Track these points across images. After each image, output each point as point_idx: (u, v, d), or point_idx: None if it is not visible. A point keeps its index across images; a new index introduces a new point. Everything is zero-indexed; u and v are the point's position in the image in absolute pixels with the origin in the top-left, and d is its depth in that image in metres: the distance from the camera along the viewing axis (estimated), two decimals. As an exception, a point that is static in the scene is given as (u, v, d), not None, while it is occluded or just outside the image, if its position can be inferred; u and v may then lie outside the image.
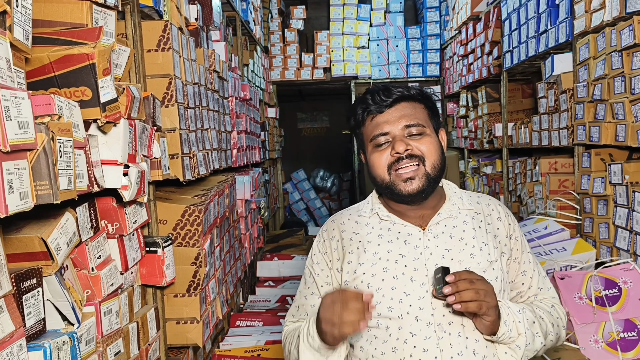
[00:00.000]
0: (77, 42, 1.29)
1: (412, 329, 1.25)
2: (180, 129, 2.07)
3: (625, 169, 2.51)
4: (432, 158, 1.30)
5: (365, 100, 1.34)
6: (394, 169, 1.30)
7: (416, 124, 1.31)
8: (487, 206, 1.40)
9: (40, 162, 1.02)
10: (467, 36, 5.49)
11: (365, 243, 1.34)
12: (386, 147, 1.31)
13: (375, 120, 1.32)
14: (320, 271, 1.39)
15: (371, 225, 1.38)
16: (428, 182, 1.30)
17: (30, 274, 1.13)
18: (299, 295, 1.45)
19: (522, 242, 1.40)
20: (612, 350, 2.06)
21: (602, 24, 2.63)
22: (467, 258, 1.29)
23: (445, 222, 1.35)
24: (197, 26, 2.64)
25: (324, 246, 1.40)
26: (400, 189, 1.29)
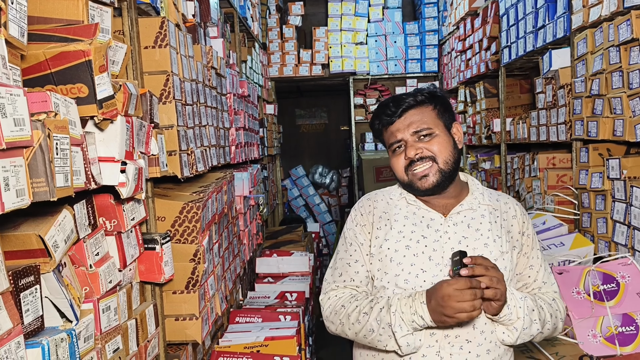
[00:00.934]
0: (73, 39, 1.28)
1: None
2: (178, 125, 2.06)
3: (623, 164, 2.51)
4: (443, 155, 1.46)
5: (379, 114, 1.53)
6: (410, 170, 1.48)
7: (424, 129, 1.47)
8: (505, 204, 1.56)
9: (36, 159, 1.02)
10: (465, 32, 5.48)
11: (393, 222, 1.51)
12: (401, 152, 1.50)
13: (389, 130, 1.51)
14: (363, 240, 1.54)
15: (399, 207, 1.54)
16: (442, 176, 1.46)
17: (27, 272, 1.13)
18: (341, 263, 1.57)
19: (534, 239, 1.55)
20: (610, 344, 2.07)
21: (600, 19, 2.63)
22: (480, 246, 1.45)
23: (465, 213, 1.51)
24: (194, 23, 2.63)
25: (363, 219, 1.57)
26: (417, 186, 1.48)
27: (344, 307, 1.49)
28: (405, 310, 1.37)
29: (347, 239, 1.58)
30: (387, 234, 1.50)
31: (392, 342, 1.40)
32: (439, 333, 1.41)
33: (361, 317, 1.44)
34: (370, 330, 1.42)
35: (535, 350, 2.06)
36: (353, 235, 1.56)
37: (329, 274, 1.60)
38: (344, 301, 1.51)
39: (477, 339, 1.41)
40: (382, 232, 1.51)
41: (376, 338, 1.42)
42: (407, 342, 1.38)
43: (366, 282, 1.55)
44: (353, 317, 1.45)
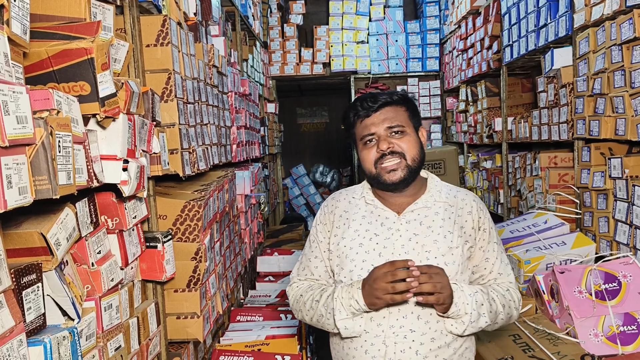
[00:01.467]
0: (75, 37, 1.28)
1: None
2: (180, 124, 2.06)
3: (625, 163, 2.50)
4: (411, 153, 1.56)
5: (356, 106, 1.60)
6: (379, 163, 1.55)
7: (397, 125, 1.55)
8: (462, 200, 1.63)
9: (39, 157, 1.02)
10: (466, 30, 5.47)
11: (351, 221, 1.62)
12: (373, 145, 1.57)
13: (364, 122, 1.58)
14: (323, 238, 1.66)
15: (358, 206, 1.65)
16: (409, 172, 1.55)
17: (30, 269, 1.13)
18: (304, 258, 1.72)
19: (491, 233, 1.63)
20: (612, 343, 2.06)
21: (602, 18, 2.62)
22: (430, 243, 1.54)
23: (419, 211, 1.59)
24: (196, 21, 2.63)
25: (324, 218, 1.68)
26: (385, 179, 1.55)
27: (302, 296, 1.64)
28: (344, 296, 1.50)
29: (310, 236, 1.72)
30: (344, 232, 1.61)
31: (334, 325, 1.52)
32: (385, 323, 1.50)
33: (314, 304, 1.58)
34: (321, 315, 1.56)
35: (537, 349, 2.06)
36: (315, 233, 1.69)
37: (294, 268, 1.75)
38: (302, 291, 1.66)
39: (422, 329, 1.49)
40: (341, 230, 1.62)
41: (325, 322, 1.55)
42: (345, 326, 1.51)
43: (326, 277, 1.68)
44: (308, 304, 1.60)
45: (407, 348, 1.49)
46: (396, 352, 1.49)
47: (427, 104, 7.06)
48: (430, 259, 1.52)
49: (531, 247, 2.71)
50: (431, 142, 7.07)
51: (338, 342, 1.62)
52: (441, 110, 7.05)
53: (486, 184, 5.09)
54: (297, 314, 1.68)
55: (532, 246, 2.72)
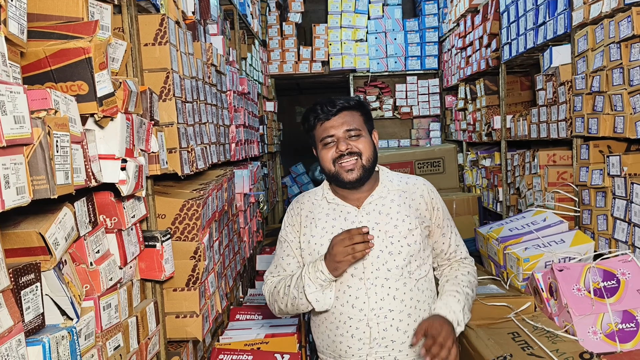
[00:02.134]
0: (73, 36, 1.28)
1: (349, 282, 1.68)
2: (178, 123, 2.06)
3: (623, 161, 2.51)
4: (367, 153, 1.70)
5: (316, 110, 1.73)
6: (338, 163, 1.69)
7: (354, 128, 1.70)
8: (414, 185, 1.80)
9: (36, 157, 1.02)
10: (465, 29, 5.47)
11: (317, 220, 1.77)
12: (332, 146, 1.70)
13: (324, 125, 1.71)
14: (293, 238, 1.80)
15: (321, 206, 1.79)
16: (364, 171, 1.70)
17: (28, 269, 1.13)
18: (276, 258, 1.85)
19: (443, 211, 1.83)
20: (611, 341, 2.07)
21: (601, 16, 2.62)
22: (391, 228, 1.70)
23: (376, 202, 1.75)
24: (194, 20, 2.63)
25: (292, 220, 1.82)
26: (343, 177, 1.69)
27: (276, 287, 1.77)
28: (310, 271, 1.64)
29: (281, 237, 1.85)
30: (312, 230, 1.76)
31: (306, 301, 1.66)
32: (365, 308, 1.66)
33: (286, 290, 1.71)
34: (294, 297, 1.68)
35: (536, 347, 2.06)
36: (285, 234, 1.82)
37: (267, 270, 1.87)
38: (275, 283, 1.79)
39: (398, 307, 1.67)
40: (309, 229, 1.77)
41: (299, 302, 1.68)
42: (316, 298, 1.64)
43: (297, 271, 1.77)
44: (282, 292, 1.73)
45: (388, 326, 1.67)
46: (379, 331, 1.67)
47: (426, 102, 7.06)
48: (393, 242, 1.69)
49: (530, 245, 2.71)
50: (430, 140, 7.07)
51: (323, 331, 1.76)
52: (440, 108, 7.05)
53: (485, 182, 5.09)
54: (273, 306, 1.80)
55: (531, 244, 2.72)
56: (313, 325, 1.82)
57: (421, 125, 7.18)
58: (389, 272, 1.68)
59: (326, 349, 1.77)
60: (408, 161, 5.67)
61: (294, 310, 1.72)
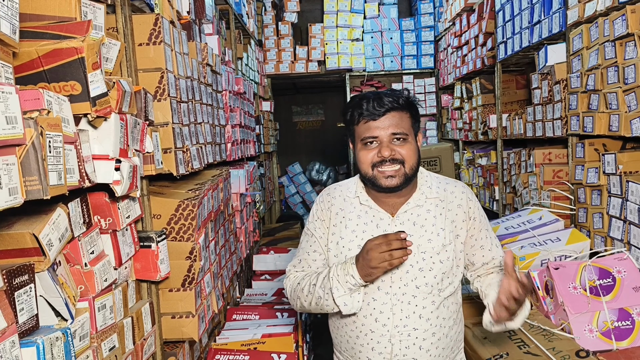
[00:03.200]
0: (65, 36, 1.27)
1: (374, 295, 1.59)
2: (173, 123, 2.06)
3: (618, 159, 2.51)
4: (410, 161, 1.56)
5: (361, 106, 1.57)
6: (378, 167, 1.56)
7: (401, 132, 1.55)
8: (452, 194, 1.67)
9: (29, 158, 1.01)
10: (461, 28, 5.48)
11: (347, 220, 1.65)
12: (373, 147, 1.56)
13: (368, 124, 1.56)
14: (322, 234, 1.69)
15: (353, 205, 1.67)
16: (406, 180, 1.57)
17: (22, 270, 1.13)
18: (301, 252, 1.73)
19: (481, 221, 1.68)
20: (607, 339, 2.07)
21: (595, 14, 2.63)
22: (425, 242, 1.59)
23: (412, 211, 1.63)
24: (189, 19, 2.62)
25: (322, 214, 1.70)
26: (381, 183, 1.56)
27: (299, 284, 1.67)
28: (340, 273, 1.54)
29: (308, 230, 1.73)
30: (342, 231, 1.65)
31: (333, 304, 1.56)
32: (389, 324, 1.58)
33: (311, 288, 1.61)
34: (319, 297, 1.59)
35: (532, 345, 2.07)
36: (313, 228, 1.71)
37: (290, 263, 1.77)
38: (299, 279, 1.69)
39: (423, 326, 1.58)
40: (338, 229, 1.66)
41: (324, 303, 1.58)
42: (344, 302, 1.55)
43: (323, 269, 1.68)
44: (306, 289, 1.63)
45: (411, 345, 1.58)
46: (401, 348, 1.58)
47: (423, 101, 7.06)
48: (425, 258, 1.58)
49: (526, 243, 2.72)
50: (427, 139, 7.08)
51: (343, 335, 1.68)
52: (436, 107, 7.06)
53: (481, 181, 5.10)
54: (295, 302, 1.70)
55: (527, 242, 2.72)
56: (332, 324, 1.75)
57: (417, 125, 7.17)
58: (417, 290, 1.58)
59: (345, 351, 1.71)
60: (404, 160, 5.66)
61: (318, 309, 1.63)
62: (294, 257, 1.78)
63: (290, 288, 1.72)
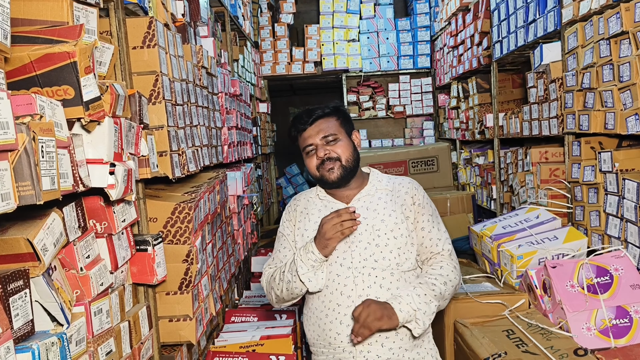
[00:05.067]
0: (58, 41, 1.27)
1: (338, 271, 1.80)
2: (168, 126, 2.05)
3: (615, 157, 2.51)
4: (345, 155, 1.85)
5: (295, 123, 1.90)
6: (321, 168, 1.85)
7: (330, 134, 1.85)
8: (399, 184, 1.94)
9: (21, 163, 1.01)
10: (456, 27, 5.48)
11: (310, 215, 1.92)
12: (313, 154, 1.87)
13: (303, 136, 1.88)
14: (289, 232, 1.94)
15: (314, 203, 1.95)
16: (344, 170, 1.84)
17: (16, 276, 1.13)
18: (274, 251, 1.97)
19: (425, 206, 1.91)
20: (605, 337, 2.07)
21: (590, 12, 2.63)
22: (378, 222, 1.83)
23: (364, 199, 1.89)
24: (184, 22, 2.62)
25: (289, 216, 1.97)
26: (326, 178, 1.85)
27: (272, 275, 1.89)
28: (302, 253, 1.78)
29: (279, 232, 1.99)
30: (305, 225, 1.90)
31: (300, 283, 1.78)
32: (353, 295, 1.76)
33: (281, 275, 1.84)
34: (288, 281, 1.81)
35: (530, 344, 2.06)
36: (282, 229, 1.97)
37: (265, 264, 1.98)
38: (272, 272, 1.91)
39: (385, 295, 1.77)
40: (303, 223, 1.91)
41: (293, 286, 1.80)
42: (308, 279, 1.77)
43: None
44: (277, 278, 1.85)
45: None
46: None
47: (419, 101, 7.07)
48: (380, 235, 1.81)
49: (523, 242, 2.72)
50: (424, 139, 7.08)
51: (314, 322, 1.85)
52: (433, 107, 7.07)
53: (479, 180, 5.10)
54: (270, 294, 1.91)
55: (524, 241, 2.72)
56: (305, 320, 1.92)
57: (414, 124, 7.19)
58: (376, 263, 1.78)
59: (317, 339, 1.85)
60: (402, 160, 5.66)
61: (289, 295, 1.83)
62: (270, 258, 2.00)
63: (266, 282, 1.93)
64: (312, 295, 1.86)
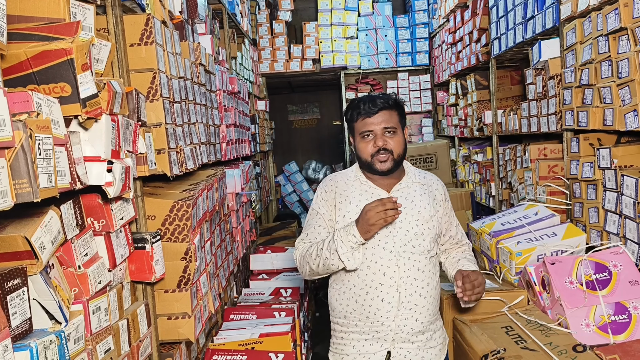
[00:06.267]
0: (54, 38, 1.26)
1: (381, 254, 1.93)
2: (166, 123, 2.05)
3: (613, 153, 2.51)
4: (398, 150, 1.96)
5: (359, 106, 1.97)
6: (375, 156, 1.95)
7: (391, 127, 1.95)
8: (430, 180, 2.10)
9: (18, 160, 1.00)
10: (455, 24, 5.47)
11: (351, 198, 1.99)
12: (370, 140, 1.96)
13: (364, 121, 1.95)
14: (325, 211, 2.01)
15: (354, 186, 2.02)
16: (395, 164, 1.97)
17: (14, 274, 1.12)
18: (307, 228, 2.05)
19: (450, 203, 2.14)
20: (604, 333, 2.07)
21: (589, 8, 2.62)
22: (416, 213, 1.97)
23: (403, 190, 2.02)
24: (181, 19, 2.61)
25: (326, 195, 2.03)
26: (377, 167, 1.96)
27: (308, 250, 1.97)
28: (343, 234, 1.86)
29: (313, 210, 2.05)
30: (347, 207, 1.97)
31: (338, 261, 1.87)
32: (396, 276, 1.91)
33: (319, 252, 1.91)
34: (326, 258, 1.89)
35: (529, 340, 2.07)
36: (318, 207, 2.03)
37: (299, 238, 2.06)
38: (307, 247, 1.99)
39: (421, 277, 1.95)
40: (344, 205, 1.98)
41: (330, 262, 1.89)
42: (347, 258, 1.86)
43: None
44: (314, 254, 1.93)
45: (413, 292, 1.93)
46: (406, 295, 1.92)
47: (418, 98, 7.07)
48: (419, 225, 1.96)
49: (522, 238, 2.72)
50: (422, 136, 7.07)
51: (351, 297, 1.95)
52: (432, 104, 7.06)
53: (478, 177, 5.10)
54: (304, 268, 1.99)
55: (523, 238, 2.72)
56: (336, 293, 2.01)
57: (413, 122, 7.18)
58: (414, 249, 1.94)
59: (351, 313, 1.96)
60: (401, 157, 5.66)
61: (324, 270, 1.93)
62: (302, 232, 2.06)
63: (300, 256, 2.00)
64: (349, 272, 1.95)
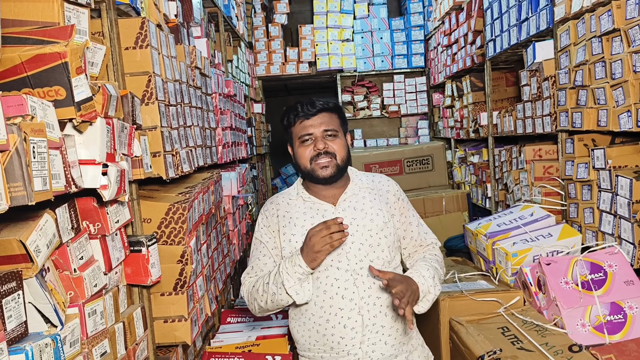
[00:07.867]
0: (49, 41, 1.27)
1: (336, 275, 1.74)
2: (162, 126, 2.05)
3: (608, 154, 2.52)
4: (341, 154, 1.79)
5: (296, 108, 1.81)
6: (314, 161, 1.77)
7: (332, 129, 1.79)
8: (379, 182, 1.92)
9: (13, 164, 1.00)
10: (450, 26, 5.49)
11: (295, 219, 1.82)
12: (309, 144, 1.78)
13: (303, 124, 1.79)
14: (268, 239, 1.84)
15: (297, 205, 1.85)
16: (338, 170, 1.79)
17: (9, 277, 1.12)
18: (252, 259, 1.88)
19: (406, 201, 1.93)
20: (599, 333, 2.08)
21: (582, 10, 2.64)
22: (368, 222, 1.79)
23: (350, 199, 1.84)
24: (177, 23, 2.61)
25: (267, 221, 1.86)
26: (318, 174, 1.77)
27: (254, 286, 1.80)
28: (288, 265, 1.69)
29: (255, 239, 1.89)
30: (291, 230, 1.80)
31: (286, 296, 1.70)
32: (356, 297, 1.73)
33: (265, 287, 1.74)
34: (273, 293, 1.71)
35: (525, 341, 2.07)
36: (260, 236, 1.87)
37: (244, 272, 1.89)
38: (254, 282, 1.82)
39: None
40: (288, 229, 1.81)
41: (278, 298, 1.71)
42: (295, 292, 1.69)
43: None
44: (260, 289, 1.75)
45: (377, 312, 1.75)
46: (370, 318, 1.74)
47: (414, 100, 7.08)
48: (372, 235, 1.78)
49: (518, 239, 2.73)
50: (418, 138, 7.09)
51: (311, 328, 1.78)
52: (428, 106, 7.08)
53: (474, 179, 5.11)
54: (253, 305, 1.82)
55: (519, 239, 2.73)
56: (296, 325, 1.84)
57: (409, 124, 7.20)
58: (373, 262, 1.76)
59: (314, 345, 1.79)
60: (397, 160, 5.67)
61: (274, 306, 1.75)
62: (248, 267, 1.89)
63: (247, 293, 1.84)
64: None
